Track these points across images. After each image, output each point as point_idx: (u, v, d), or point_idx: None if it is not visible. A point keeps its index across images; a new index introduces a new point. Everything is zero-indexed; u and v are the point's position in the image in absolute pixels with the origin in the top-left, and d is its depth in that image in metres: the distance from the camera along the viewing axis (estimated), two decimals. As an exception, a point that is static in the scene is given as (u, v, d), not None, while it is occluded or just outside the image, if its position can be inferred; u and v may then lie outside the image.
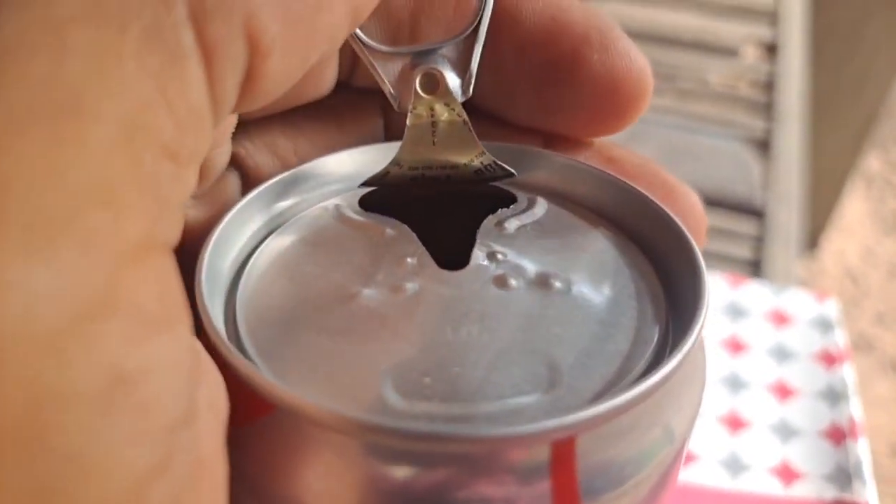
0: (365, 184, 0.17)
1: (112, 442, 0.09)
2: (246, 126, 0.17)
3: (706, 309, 0.14)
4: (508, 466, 0.12)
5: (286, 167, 0.17)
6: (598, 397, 0.13)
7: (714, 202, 0.47)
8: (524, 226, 0.17)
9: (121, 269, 0.10)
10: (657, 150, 0.51)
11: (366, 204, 0.17)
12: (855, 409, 0.32)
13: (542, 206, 0.17)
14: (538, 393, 0.13)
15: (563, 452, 0.12)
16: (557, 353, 0.14)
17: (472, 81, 0.16)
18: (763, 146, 0.52)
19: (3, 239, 0.09)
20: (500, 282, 0.15)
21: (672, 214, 0.16)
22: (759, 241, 0.45)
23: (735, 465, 0.30)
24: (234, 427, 0.13)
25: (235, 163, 0.17)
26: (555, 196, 0.18)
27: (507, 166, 0.17)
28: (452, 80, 0.16)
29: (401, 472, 0.12)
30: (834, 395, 0.33)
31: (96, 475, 0.09)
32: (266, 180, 0.16)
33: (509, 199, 0.17)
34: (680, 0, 0.67)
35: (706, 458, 0.31)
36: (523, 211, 0.17)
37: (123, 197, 0.10)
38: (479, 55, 0.16)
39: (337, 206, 0.17)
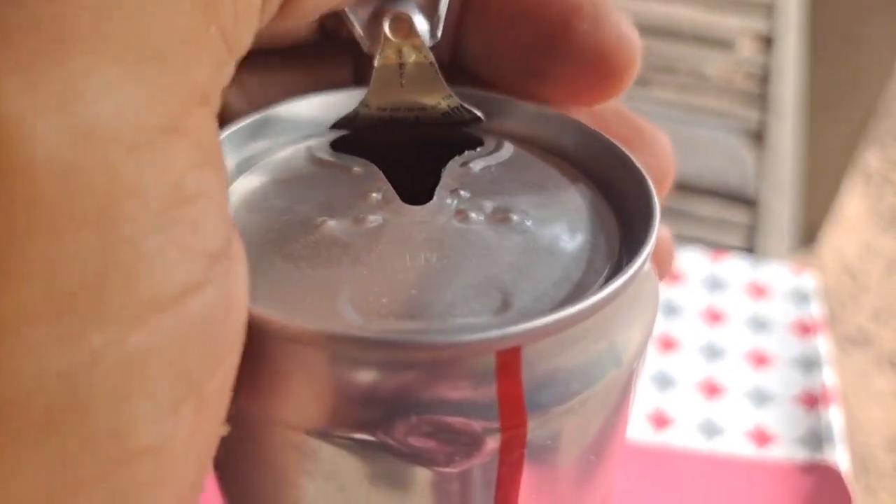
0: (335, 126, 0.18)
1: (164, 246, 0.10)
2: None
3: (654, 237, 0.14)
4: (458, 374, 0.13)
5: (255, 108, 0.17)
6: (552, 311, 0.13)
7: (708, 192, 0.48)
8: (489, 166, 0.17)
9: (191, 103, 0.11)
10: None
11: (336, 146, 0.18)
12: (828, 376, 0.33)
13: (507, 150, 0.18)
14: (489, 313, 0.14)
15: (508, 362, 0.13)
16: (510, 279, 0.14)
17: (441, 25, 0.17)
18: (757, 137, 0.52)
19: (106, 48, 0.10)
20: (461, 215, 0.16)
21: (633, 157, 0.17)
22: (751, 230, 0.45)
23: (710, 429, 0.31)
24: None
25: None
26: (521, 140, 0.18)
27: (474, 110, 0.18)
28: (421, 24, 0.17)
29: (358, 379, 0.13)
30: (808, 363, 0.34)
31: (146, 271, 0.10)
32: (235, 121, 0.17)
33: (476, 142, 0.18)
34: (676, -7, 0.68)
35: (682, 422, 0.31)
36: (489, 153, 0.18)
37: (198, 48, 0.11)
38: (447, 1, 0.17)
39: (308, 148, 0.18)
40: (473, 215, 0.16)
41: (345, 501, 0.14)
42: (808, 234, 1.31)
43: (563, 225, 0.16)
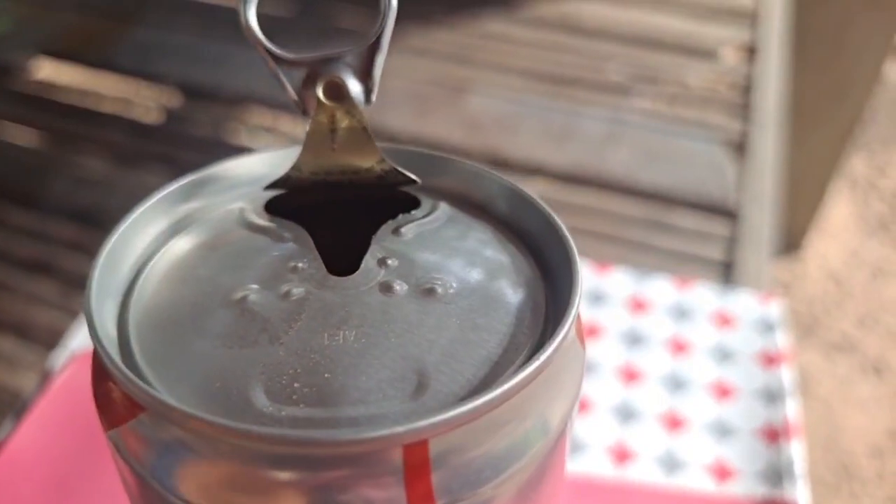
0: (269, 187, 0.18)
1: None
2: None
3: (576, 309, 0.14)
4: (365, 468, 0.12)
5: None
6: (459, 403, 0.13)
7: (688, 204, 0.48)
8: (422, 232, 0.17)
9: None
10: (634, 153, 0.51)
11: (271, 207, 0.18)
12: (791, 409, 0.33)
13: (442, 211, 0.18)
14: (403, 398, 0.13)
15: (415, 456, 0.13)
16: (429, 359, 0.14)
17: (375, 89, 0.17)
18: (739, 148, 0.52)
19: None
20: (385, 287, 0.16)
21: (559, 222, 0.16)
22: (732, 243, 0.45)
23: (671, 463, 0.31)
24: (117, 425, 0.14)
25: None
26: (456, 199, 0.18)
27: (408, 173, 0.18)
28: (355, 88, 0.17)
29: (262, 472, 0.13)
30: (770, 395, 0.33)
31: None
32: (168, 183, 0.17)
33: (412, 203, 0.18)
34: (660, 2, 0.68)
35: (643, 456, 0.31)
36: (424, 216, 0.18)
37: None
38: (381, 63, 0.17)
39: (241, 210, 0.18)
40: (398, 287, 0.15)
41: None
42: (793, 241, 1.31)
43: (490, 294, 0.16)
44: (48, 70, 0.60)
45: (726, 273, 0.42)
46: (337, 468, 0.12)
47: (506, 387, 0.13)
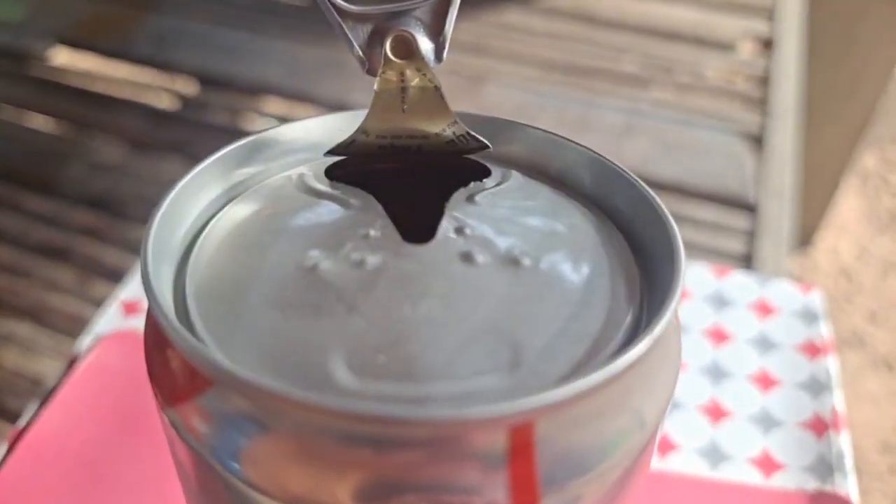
0: (330, 152, 0.17)
1: None
2: None
3: (680, 291, 0.13)
4: (462, 452, 0.11)
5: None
6: (563, 380, 0.12)
7: (707, 196, 0.47)
8: (496, 200, 0.16)
9: None
10: (651, 144, 0.51)
11: (332, 174, 0.17)
12: (838, 400, 0.32)
13: (516, 180, 0.17)
14: (499, 374, 0.12)
15: (521, 438, 0.12)
16: (522, 333, 0.13)
17: (446, 45, 0.16)
18: (757, 141, 0.52)
19: None
20: (467, 258, 0.14)
21: (653, 194, 0.15)
22: (750, 236, 0.45)
23: (715, 455, 0.30)
24: (179, 402, 0.13)
25: None
26: (530, 170, 0.17)
27: (481, 137, 0.16)
28: (425, 45, 0.15)
29: (349, 454, 0.12)
30: (817, 387, 0.32)
31: None
32: (224, 146, 0.16)
33: (482, 172, 0.17)
34: (678, -6, 0.67)
35: (686, 448, 0.30)
36: (496, 185, 0.17)
37: None
38: (453, 19, 0.15)
39: (301, 175, 0.17)
40: (480, 258, 0.14)
41: None
42: (805, 236, 1.31)
43: (578, 267, 0.15)
44: (65, 57, 0.60)
45: (745, 266, 0.42)
46: (432, 450, 0.11)
47: (618, 365, 0.12)
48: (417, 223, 0.15)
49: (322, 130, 0.17)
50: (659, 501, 0.28)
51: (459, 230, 0.15)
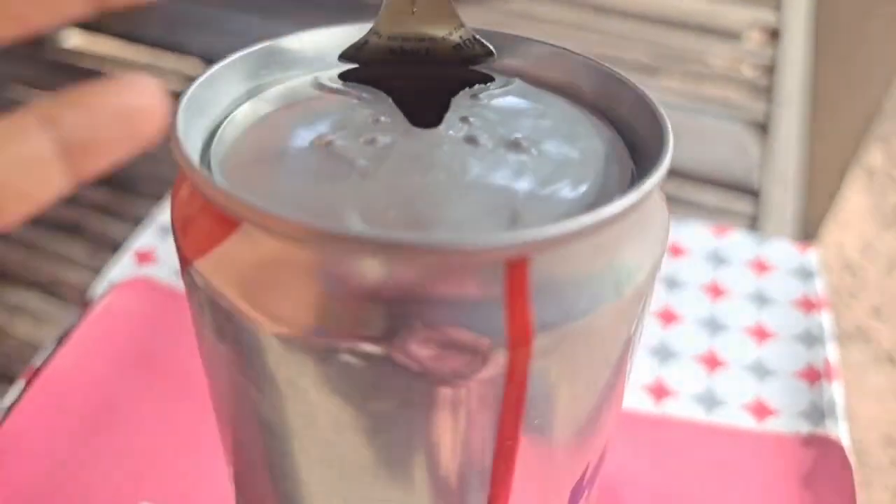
0: (343, 54, 0.18)
1: None
2: None
3: (667, 162, 0.14)
4: (465, 282, 0.12)
5: None
6: (563, 221, 0.13)
7: (712, 182, 0.48)
8: (499, 99, 0.17)
9: None
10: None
11: (346, 77, 0.18)
12: (831, 352, 0.33)
13: (518, 86, 0.18)
14: (498, 227, 0.14)
15: (516, 271, 0.13)
16: (520, 199, 0.14)
17: None
18: (762, 129, 0.52)
19: None
20: (471, 139, 0.16)
21: (647, 92, 0.16)
22: (754, 220, 0.45)
23: (710, 401, 0.31)
24: (204, 253, 0.14)
25: None
26: (532, 79, 0.18)
27: (486, 43, 0.18)
28: None
29: (361, 284, 0.13)
30: (811, 339, 0.33)
31: None
32: (240, 50, 0.17)
33: (487, 79, 0.18)
34: (685, -16, 0.68)
35: (682, 394, 0.31)
36: (500, 87, 0.18)
37: None
38: None
39: (316, 78, 0.18)
40: (483, 140, 0.16)
41: (343, 420, 0.14)
42: (809, 230, 1.31)
43: (575, 154, 0.16)
44: (77, 40, 0.61)
45: (764, 236, 0.43)
46: (436, 280, 0.12)
47: (607, 212, 0.13)
48: (425, 113, 0.16)
49: (336, 39, 0.18)
50: (654, 442, 0.29)
51: (464, 119, 0.16)
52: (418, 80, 0.18)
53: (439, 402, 0.13)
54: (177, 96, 0.54)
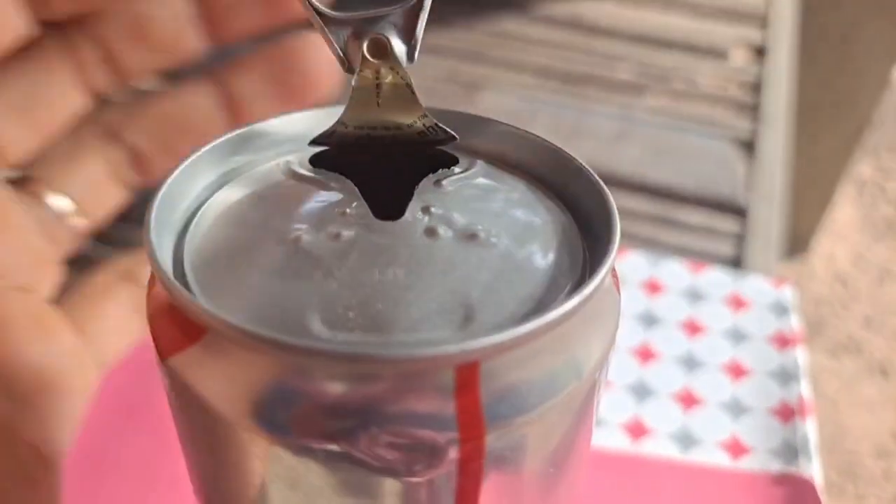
0: (314, 142, 0.18)
1: None
2: None
3: (614, 253, 0.15)
4: (419, 387, 0.13)
5: None
6: (509, 328, 0.14)
7: (698, 201, 0.48)
8: (461, 185, 0.18)
9: None
10: (644, 149, 0.52)
11: (315, 161, 0.18)
12: (805, 389, 0.33)
13: (479, 168, 0.18)
14: (452, 328, 0.14)
15: (466, 376, 0.13)
16: (474, 295, 0.15)
17: (417, 47, 0.17)
18: (748, 147, 0.53)
19: None
20: (430, 232, 0.16)
21: (595, 175, 0.17)
22: (740, 239, 0.45)
23: (686, 440, 0.32)
24: (175, 352, 0.14)
25: None
26: (492, 158, 0.19)
27: (448, 129, 0.18)
28: (398, 46, 0.17)
29: (323, 390, 0.13)
30: (785, 376, 0.34)
31: None
32: (216, 136, 0.18)
33: (450, 160, 0.19)
34: (671, 3, 0.68)
35: (658, 432, 0.32)
36: (462, 171, 0.18)
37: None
38: (423, 24, 0.17)
39: (287, 163, 0.18)
40: (442, 232, 0.16)
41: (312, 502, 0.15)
42: (801, 242, 1.31)
43: (529, 243, 0.16)
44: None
45: (735, 269, 0.43)
46: (392, 387, 0.13)
47: (553, 315, 0.13)
48: (389, 203, 0.17)
49: (306, 123, 0.19)
50: (631, 483, 0.30)
51: (426, 209, 0.17)
52: (385, 164, 0.19)
53: (399, 493, 0.14)
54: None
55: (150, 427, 0.29)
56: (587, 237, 0.17)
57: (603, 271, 0.14)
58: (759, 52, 0.62)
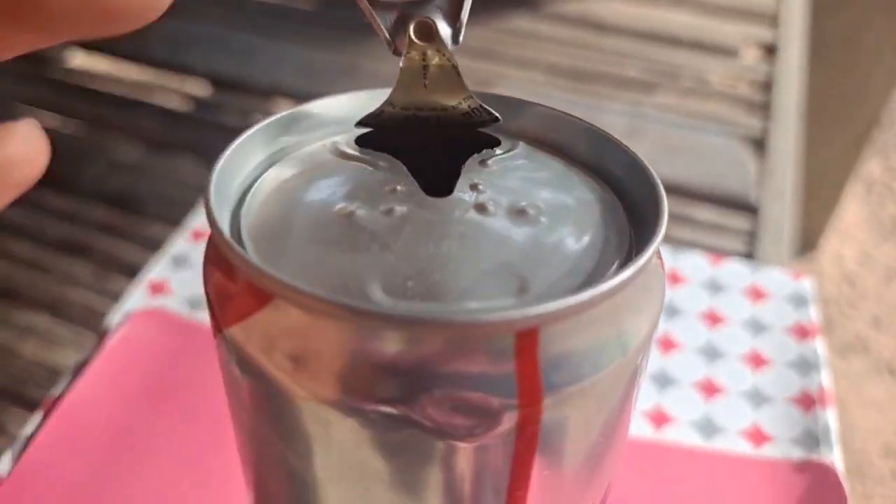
0: (360, 123, 0.19)
1: None
2: None
3: (663, 231, 0.15)
4: (479, 352, 0.14)
5: None
6: (568, 295, 0.14)
7: (709, 198, 0.48)
8: (505, 165, 0.18)
9: None
10: (655, 146, 0.52)
11: (362, 142, 0.19)
12: (825, 379, 0.34)
13: (523, 149, 0.19)
14: (507, 297, 0.14)
15: (526, 342, 0.14)
16: (527, 267, 0.15)
17: (462, 30, 0.18)
18: (759, 144, 0.53)
19: None
20: (480, 208, 0.17)
21: (638, 155, 0.18)
22: (751, 236, 0.46)
23: (708, 428, 0.32)
24: (237, 321, 0.15)
25: None
26: (535, 141, 0.19)
27: (492, 110, 0.19)
28: (444, 29, 0.18)
29: (384, 354, 0.14)
30: (805, 366, 0.34)
31: None
32: (266, 117, 0.18)
33: (493, 142, 0.19)
34: (682, 0, 0.68)
35: (681, 421, 0.32)
36: (506, 152, 0.19)
37: None
38: (468, 6, 0.18)
39: (335, 143, 0.19)
40: (492, 208, 0.17)
41: (363, 473, 0.15)
42: (809, 241, 1.31)
43: (577, 221, 0.17)
44: (82, 59, 0.61)
45: (759, 263, 0.43)
46: (454, 351, 0.14)
47: (608, 285, 0.14)
48: (437, 181, 0.17)
49: (352, 105, 0.19)
50: (655, 469, 0.30)
51: (473, 186, 0.17)
52: (430, 145, 0.19)
53: (455, 457, 0.15)
54: (176, 116, 0.54)
55: (95, 452, 0.29)
56: (632, 217, 0.17)
57: (653, 246, 0.15)
58: (770, 50, 0.63)
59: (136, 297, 0.36)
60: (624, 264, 0.16)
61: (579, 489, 0.17)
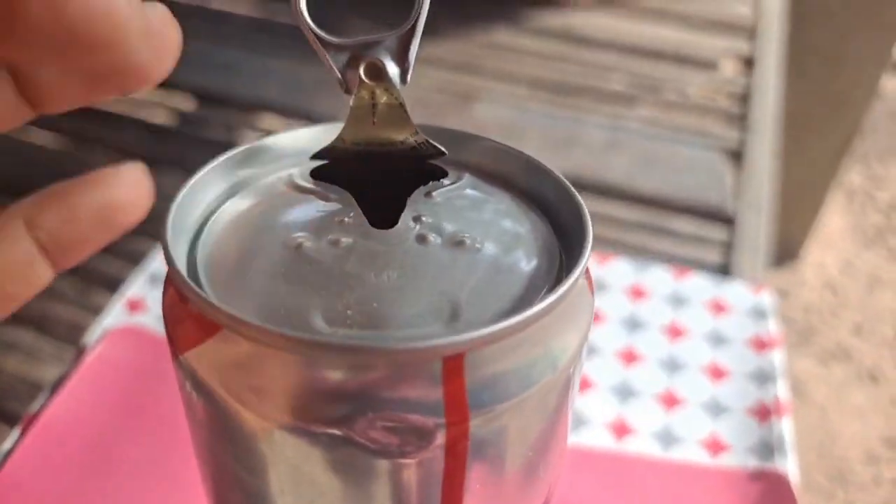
0: (315, 156, 0.20)
1: None
2: None
3: (587, 258, 0.16)
4: (411, 376, 0.15)
5: None
6: (492, 323, 0.15)
7: (687, 209, 0.49)
8: (449, 196, 0.20)
9: None
10: (634, 159, 0.53)
11: (316, 174, 0.20)
12: (781, 390, 0.35)
13: (467, 181, 0.20)
14: (440, 324, 0.16)
15: (453, 366, 0.15)
16: (460, 295, 0.16)
17: (410, 70, 0.19)
18: (737, 156, 0.53)
19: None
20: (421, 238, 0.18)
21: (567, 183, 0.19)
22: (728, 247, 0.46)
23: (668, 438, 0.33)
24: (191, 347, 0.16)
25: None
26: (478, 171, 0.20)
27: (438, 145, 0.20)
28: (392, 69, 0.19)
29: (325, 380, 0.15)
30: (763, 377, 0.35)
31: None
32: (226, 151, 0.19)
33: (440, 173, 0.20)
34: (662, 15, 0.69)
35: (641, 432, 0.33)
36: (450, 183, 0.20)
37: None
38: (416, 48, 0.19)
39: (290, 176, 0.20)
40: (432, 238, 0.18)
41: (311, 487, 0.16)
42: (791, 250, 1.32)
43: (512, 248, 0.18)
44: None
45: (722, 276, 0.44)
46: (386, 375, 0.15)
47: (531, 312, 0.15)
48: (384, 213, 0.19)
49: (307, 139, 0.20)
50: (615, 480, 0.31)
51: (417, 218, 0.19)
52: (380, 177, 0.20)
53: (393, 475, 0.16)
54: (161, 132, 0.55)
55: (71, 467, 0.30)
56: (564, 243, 0.18)
57: (576, 273, 0.16)
58: (748, 63, 0.63)
59: (114, 314, 0.37)
60: (553, 288, 0.16)
61: (518, 498, 0.18)
